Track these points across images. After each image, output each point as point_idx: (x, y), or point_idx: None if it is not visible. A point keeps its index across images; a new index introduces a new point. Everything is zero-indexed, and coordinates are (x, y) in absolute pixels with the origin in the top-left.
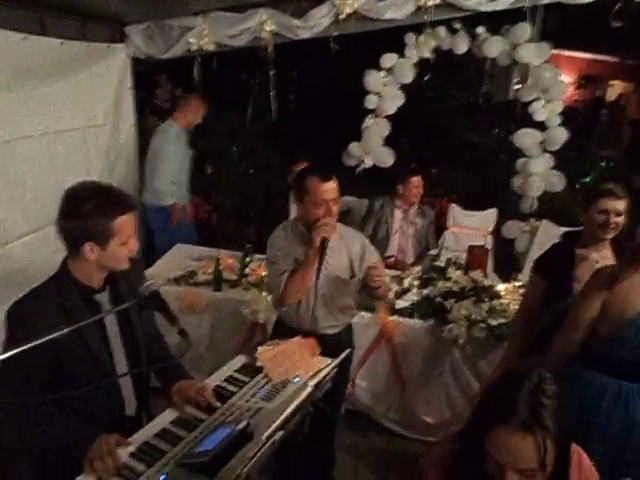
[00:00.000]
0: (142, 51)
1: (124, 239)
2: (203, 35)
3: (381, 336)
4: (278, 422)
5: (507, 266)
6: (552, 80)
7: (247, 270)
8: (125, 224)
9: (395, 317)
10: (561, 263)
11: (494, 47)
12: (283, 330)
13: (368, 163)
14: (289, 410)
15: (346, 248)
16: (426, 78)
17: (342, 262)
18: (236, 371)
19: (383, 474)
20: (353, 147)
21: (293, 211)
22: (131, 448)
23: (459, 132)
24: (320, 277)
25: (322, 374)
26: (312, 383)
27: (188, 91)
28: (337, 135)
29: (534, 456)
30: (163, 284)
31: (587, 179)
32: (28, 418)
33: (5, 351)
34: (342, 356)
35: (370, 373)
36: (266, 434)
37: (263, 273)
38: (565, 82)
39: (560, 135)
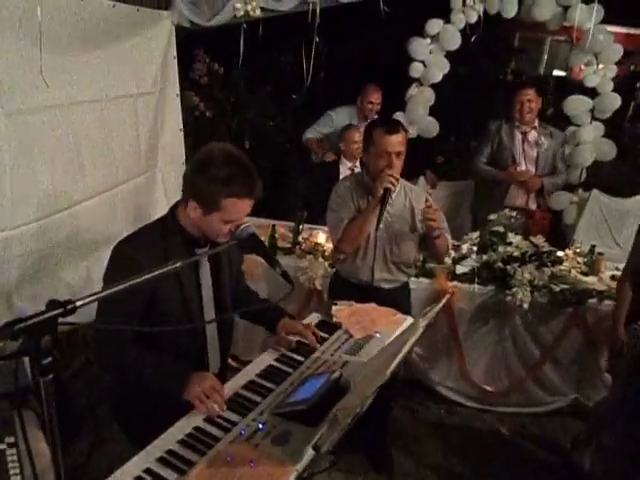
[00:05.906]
0: (187, 18)
1: (228, 218)
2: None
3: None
4: (396, 363)
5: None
6: (606, 43)
7: (299, 238)
8: (236, 207)
9: (455, 283)
10: None
11: (544, 9)
12: (339, 283)
13: (413, 133)
14: (405, 350)
15: (409, 203)
16: (473, 39)
17: (404, 215)
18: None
19: (442, 443)
20: (397, 117)
21: (344, 173)
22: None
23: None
24: (379, 228)
25: (431, 314)
26: (424, 324)
27: (225, 66)
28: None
29: None
30: None
31: None
32: (121, 354)
33: (106, 283)
34: (444, 300)
35: (427, 340)
36: (389, 371)
37: (316, 240)
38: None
39: (613, 102)
